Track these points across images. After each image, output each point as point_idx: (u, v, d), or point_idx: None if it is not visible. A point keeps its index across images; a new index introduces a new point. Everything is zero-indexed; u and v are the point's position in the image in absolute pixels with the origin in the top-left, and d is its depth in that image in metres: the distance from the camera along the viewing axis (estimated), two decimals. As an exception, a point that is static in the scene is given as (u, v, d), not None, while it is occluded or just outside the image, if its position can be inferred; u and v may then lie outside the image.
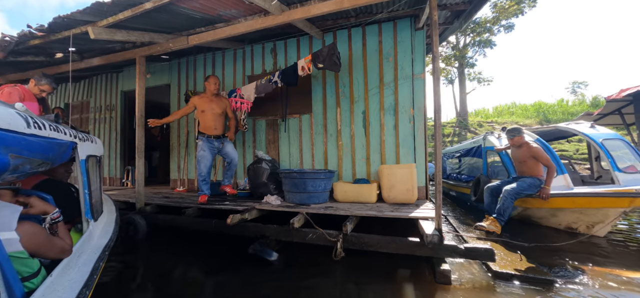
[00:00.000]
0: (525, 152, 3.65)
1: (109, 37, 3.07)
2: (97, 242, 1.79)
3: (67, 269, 1.37)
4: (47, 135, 1.32)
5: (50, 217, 1.41)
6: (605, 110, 12.55)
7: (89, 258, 1.55)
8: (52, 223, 1.41)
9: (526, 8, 17.51)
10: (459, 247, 2.39)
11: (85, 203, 1.83)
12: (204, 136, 3.81)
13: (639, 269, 2.61)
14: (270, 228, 3.08)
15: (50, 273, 1.27)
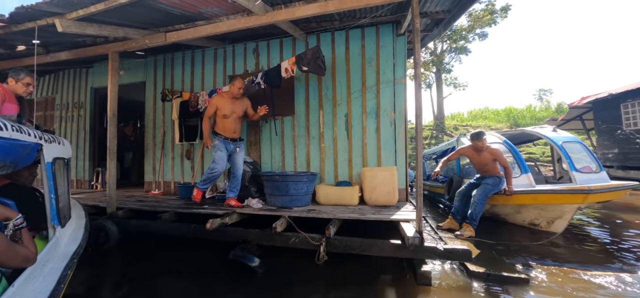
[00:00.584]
0: (487, 155, 3.84)
1: (78, 30, 2.87)
2: (64, 249, 1.68)
3: (31, 279, 1.29)
4: (8, 136, 1.23)
5: (12, 223, 1.32)
6: (568, 116, 13.55)
7: (55, 266, 1.46)
8: (15, 229, 1.32)
9: (498, 18, 18.47)
10: (438, 249, 2.46)
11: (52, 209, 1.71)
12: (221, 137, 3.58)
13: (595, 267, 2.81)
14: (252, 232, 3.02)
15: (12, 283, 1.20)
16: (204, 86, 5.11)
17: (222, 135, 3.59)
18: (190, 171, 5.18)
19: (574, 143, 4.31)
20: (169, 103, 5.19)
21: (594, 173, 3.93)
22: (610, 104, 10.83)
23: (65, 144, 2.08)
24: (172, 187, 5.27)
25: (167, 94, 5.01)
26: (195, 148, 5.15)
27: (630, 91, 9.96)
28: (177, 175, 5.28)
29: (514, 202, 3.86)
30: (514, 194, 3.72)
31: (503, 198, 3.86)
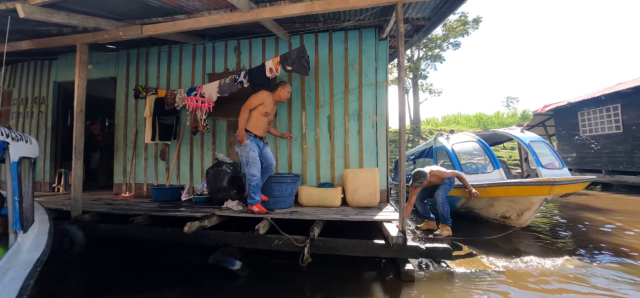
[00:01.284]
0: (434, 179, 4.03)
1: (44, 17, 2.63)
2: (26, 256, 1.54)
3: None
4: None
5: None
6: (533, 122, 14.50)
7: (16, 275, 1.34)
8: None
9: (470, 29, 19.54)
10: (421, 248, 2.52)
11: (15, 212, 1.58)
12: (252, 135, 3.38)
13: (556, 259, 3.01)
14: (233, 235, 2.92)
15: None
16: (181, 83, 4.90)
17: (252, 133, 3.38)
18: (165, 172, 4.93)
19: (539, 142, 4.66)
20: (142, 100, 4.92)
21: (557, 169, 4.26)
22: (569, 112, 11.75)
23: (33, 143, 1.94)
24: (145, 189, 4.99)
25: (141, 91, 4.74)
26: (170, 148, 4.92)
27: (587, 100, 10.86)
28: (151, 176, 5.01)
29: (488, 195, 4.09)
30: (488, 187, 3.95)
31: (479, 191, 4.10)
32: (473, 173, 4.49)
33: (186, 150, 4.87)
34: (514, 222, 4.11)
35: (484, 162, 4.58)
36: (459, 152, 4.78)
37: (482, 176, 4.34)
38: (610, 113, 10.04)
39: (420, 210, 4.33)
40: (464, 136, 5.13)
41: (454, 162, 4.72)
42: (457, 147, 4.89)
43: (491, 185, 3.98)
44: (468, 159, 4.79)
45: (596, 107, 10.55)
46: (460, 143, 4.95)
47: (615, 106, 9.86)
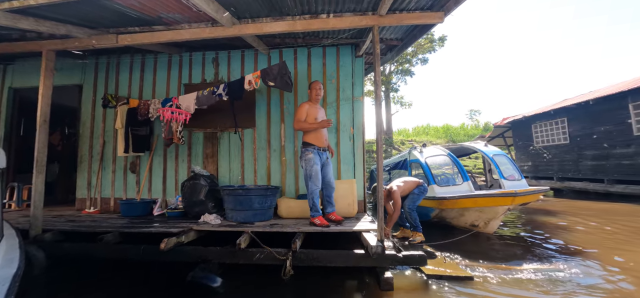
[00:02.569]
0: (395, 198, 4.16)
1: (9, 23, 2.47)
2: (1, 272, 1.48)
3: None
4: None
5: None
6: (493, 133, 15.64)
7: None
8: None
9: (437, 46, 20.88)
10: (398, 256, 2.66)
11: None
12: (315, 148, 3.28)
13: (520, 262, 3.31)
14: (212, 250, 2.87)
15: None
16: (155, 94, 4.74)
17: (314, 146, 3.29)
18: (135, 186, 4.69)
19: (501, 156, 5.11)
20: (111, 110, 4.69)
21: (517, 181, 4.70)
22: (524, 124, 12.90)
23: (1, 153, 1.82)
24: (112, 204, 4.70)
25: (111, 100, 4.52)
26: (142, 160, 4.71)
27: (539, 114, 12.01)
28: (119, 191, 4.74)
29: (459, 206, 4.39)
30: (459, 199, 4.25)
31: (451, 203, 4.42)
32: (445, 185, 4.80)
33: (159, 162, 4.69)
34: (482, 229, 4.44)
35: (454, 175, 4.92)
36: (432, 165, 5.09)
37: (453, 188, 4.66)
38: (559, 126, 11.19)
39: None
40: (436, 150, 5.47)
41: (427, 174, 5.01)
42: (430, 160, 5.20)
43: (462, 197, 4.29)
44: (440, 172, 5.11)
45: (547, 120, 11.69)
46: (432, 157, 5.28)
47: (562, 120, 11.01)
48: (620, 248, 3.83)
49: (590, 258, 3.41)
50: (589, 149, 10.02)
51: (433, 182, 4.77)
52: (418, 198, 4.19)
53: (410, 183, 4.24)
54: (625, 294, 2.52)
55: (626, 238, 4.40)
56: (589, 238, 4.42)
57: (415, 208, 4.17)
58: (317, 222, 3.21)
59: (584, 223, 5.36)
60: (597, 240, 4.34)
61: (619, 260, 3.36)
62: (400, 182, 4.25)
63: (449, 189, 4.63)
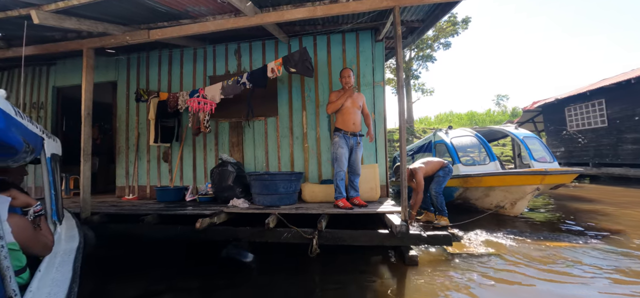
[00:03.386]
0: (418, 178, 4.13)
1: (56, 23, 2.71)
2: (66, 245, 1.64)
3: (48, 268, 1.29)
4: (26, 125, 1.21)
5: (33, 209, 1.34)
6: (522, 119, 14.89)
7: (64, 259, 1.45)
8: (35, 216, 1.35)
9: (460, 29, 19.99)
10: (423, 235, 2.68)
11: (52, 205, 1.69)
12: (341, 132, 3.42)
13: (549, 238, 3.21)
14: (243, 230, 3.04)
15: (38, 268, 1.22)
16: (183, 86, 4.99)
17: (341, 130, 3.42)
18: (168, 174, 5.00)
19: (532, 138, 4.93)
20: (144, 103, 4.99)
21: (548, 163, 4.51)
22: (556, 108, 12.16)
23: (57, 142, 2.03)
24: (148, 191, 5.05)
25: (143, 94, 4.81)
26: (173, 149, 5.00)
27: (573, 96, 11.26)
28: (154, 178, 5.07)
29: (484, 185, 4.30)
30: (485, 177, 4.15)
31: (475, 181, 4.33)
32: (471, 165, 4.70)
33: (189, 151, 4.96)
34: (508, 211, 4.33)
35: (480, 156, 4.81)
36: (457, 146, 4.99)
37: (480, 168, 4.56)
38: (596, 108, 10.45)
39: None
40: (462, 131, 5.37)
41: (452, 154, 4.93)
42: (455, 140, 5.11)
43: (488, 174, 4.20)
44: (466, 152, 5.00)
45: (582, 103, 10.95)
46: (458, 137, 5.18)
47: (600, 101, 10.27)
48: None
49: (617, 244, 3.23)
50: (629, 131, 9.30)
51: (458, 161, 4.70)
52: (444, 181, 4.13)
53: (433, 164, 4.18)
54: None
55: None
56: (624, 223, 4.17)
57: (441, 192, 4.12)
58: (340, 204, 3.29)
59: (618, 209, 5.05)
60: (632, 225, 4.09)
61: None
62: (423, 162, 4.21)
63: (476, 168, 4.54)
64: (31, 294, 1.11)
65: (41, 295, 1.14)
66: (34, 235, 1.23)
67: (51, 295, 1.16)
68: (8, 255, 0.93)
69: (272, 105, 4.69)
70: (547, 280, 2.31)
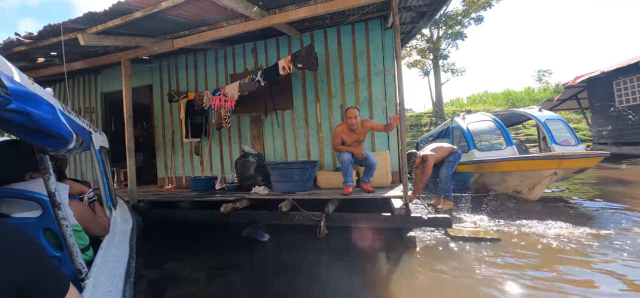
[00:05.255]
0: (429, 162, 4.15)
1: (97, 43, 3.22)
2: (121, 227, 1.89)
3: (109, 247, 1.50)
4: (74, 119, 1.35)
5: (86, 196, 1.54)
6: (564, 95, 13.74)
7: (121, 239, 1.65)
8: (90, 202, 1.54)
9: (493, 1, 18.53)
10: (423, 218, 2.83)
11: (105, 191, 1.97)
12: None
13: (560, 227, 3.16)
14: (260, 214, 3.41)
15: (100, 246, 1.43)
16: (207, 86, 5.46)
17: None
18: (199, 166, 5.57)
19: (556, 121, 4.69)
20: (175, 103, 5.55)
21: (572, 146, 4.30)
22: (603, 82, 11.03)
23: (103, 136, 2.30)
24: (184, 181, 5.66)
25: (174, 95, 5.36)
26: (202, 144, 5.53)
27: (622, 68, 10.14)
28: (188, 170, 5.67)
29: (500, 170, 4.25)
30: (499, 162, 4.14)
31: (490, 166, 4.31)
32: (487, 151, 4.63)
33: (216, 145, 5.46)
34: (525, 195, 4.24)
35: (498, 140, 4.71)
36: (474, 131, 4.92)
37: (496, 153, 4.48)
38: (649, 79, 9.35)
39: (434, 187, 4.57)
40: (480, 116, 5.24)
41: (468, 140, 4.88)
42: (472, 126, 5.03)
43: (502, 160, 4.13)
44: (482, 138, 4.91)
45: (634, 75, 9.83)
46: (475, 122, 5.08)
47: (654, 71, 9.16)
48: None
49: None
50: (691, 103, 8.24)
51: (473, 147, 4.65)
52: (453, 166, 4.16)
53: (443, 150, 4.21)
54: None
55: None
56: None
57: (450, 177, 4.16)
58: (348, 191, 3.52)
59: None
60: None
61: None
62: (433, 149, 4.26)
63: (491, 154, 4.46)
64: (96, 268, 1.24)
65: (105, 269, 1.27)
66: (93, 218, 1.40)
67: (113, 269, 1.29)
68: (73, 234, 1.05)
69: (288, 99, 4.98)
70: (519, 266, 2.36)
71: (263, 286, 2.31)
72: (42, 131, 0.84)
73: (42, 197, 1.11)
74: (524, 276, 2.13)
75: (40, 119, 0.80)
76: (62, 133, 0.92)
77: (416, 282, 2.19)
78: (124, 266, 1.33)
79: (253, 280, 2.44)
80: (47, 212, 1.10)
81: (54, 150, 0.98)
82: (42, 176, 0.99)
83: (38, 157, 0.97)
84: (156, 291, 2.34)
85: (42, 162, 0.98)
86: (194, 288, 2.33)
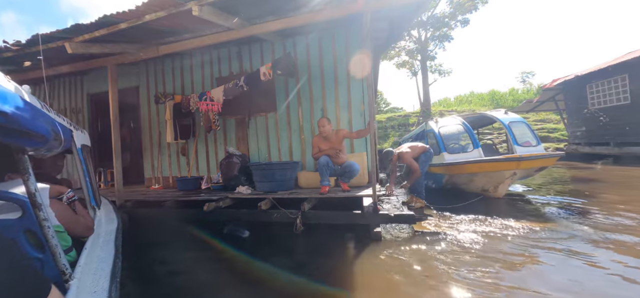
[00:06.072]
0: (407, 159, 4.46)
1: (84, 50, 3.37)
2: (106, 227, 1.86)
3: (93, 247, 1.46)
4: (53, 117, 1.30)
5: (66, 196, 1.49)
6: (542, 97, 14.33)
7: (106, 239, 1.62)
8: (69, 202, 1.50)
9: (479, 4, 19.08)
10: (390, 215, 3.10)
11: (89, 191, 1.92)
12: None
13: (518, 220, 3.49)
14: (242, 212, 3.63)
15: (84, 247, 1.40)
16: (194, 88, 5.62)
17: None
18: (186, 166, 5.73)
19: (519, 123, 5.06)
20: (162, 105, 5.69)
21: (532, 147, 4.67)
22: (577, 85, 11.59)
23: (85, 134, 2.21)
24: (171, 181, 5.82)
25: (161, 97, 5.51)
26: (189, 145, 5.69)
27: (595, 72, 10.70)
28: (175, 170, 5.83)
29: (467, 171, 4.59)
30: (465, 165, 4.47)
31: (458, 168, 4.65)
32: (455, 153, 4.97)
33: (202, 146, 5.64)
34: (492, 193, 4.58)
35: (466, 143, 5.05)
36: (444, 135, 5.25)
37: (463, 155, 4.82)
38: (618, 84, 9.91)
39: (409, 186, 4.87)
40: (451, 120, 5.59)
41: (439, 143, 5.21)
42: (443, 130, 5.36)
43: (468, 162, 4.47)
44: (452, 140, 5.25)
45: (604, 79, 10.40)
46: (446, 126, 5.42)
47: (622, 77, 9.72)
48: None
49: (584, 224, 3.38)
50: (654, 107, 8.81)
51: (444, 150, 4.98)
52: (425, 165, 4.47)
53: (418, 149, 4.51)
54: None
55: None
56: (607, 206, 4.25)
57: (422, 174, 4.46)
58: (324, 190, 3.78)
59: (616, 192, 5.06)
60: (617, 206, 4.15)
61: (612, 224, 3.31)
62: (409, 147, 4.55)
63: (458, 156, 4.80)
64: (80, 269, 1.19)
65: (89, 269, 1.23)
66: (74, 218, 1.38)
67: (98, 270, 1.24)
68: (55, 234, 1.01)
69: (271, 102, 5.20)
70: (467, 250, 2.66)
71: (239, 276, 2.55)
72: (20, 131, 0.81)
73: (22, 198, 1.08)
74: (466, 264, 2.43)
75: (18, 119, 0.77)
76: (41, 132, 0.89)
77: (372, 268, 2.46)
78: (109, 266, 1.31)
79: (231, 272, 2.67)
80: (28, 213, 1.08)
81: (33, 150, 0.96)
82: (22, 177, 0.96)
83: (17, 157, 0.94)
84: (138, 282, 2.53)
85: (21, 162, 0.94)
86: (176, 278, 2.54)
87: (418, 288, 2.13)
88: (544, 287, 2.01)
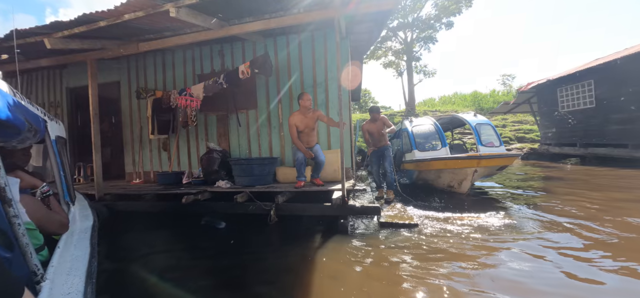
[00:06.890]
0: (380, 124, 4.94)
1: (63, 46, 3.43)
2: (81, 225, 1.78)
3: (67, 246, 1.39)
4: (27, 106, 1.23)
5: (40, 190, 1.40)
6: (518, 100, 15.01)
7: (80, 237, 1.55)
8: (43, 197, 1.41)
9: (463, 7, 19.68)
10: (356, 206, 3.34)
11: (62, 186, 1.85)
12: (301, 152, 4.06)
13: (475, 213, 3.81)
14: (219, 204, 3.80)
15: (57, 245, 1.32)
16: (175, 84, 5.69)
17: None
18: (167, 161, 5.81)
19: (485, 125, 5.42)
20: (144, 100, 5.74)
21: (495, 147, 5.04)
22: (549, 89, 12.24)
23: (60, 125, 2.15)
24: (152, 176, 5.88)
25: (142, 92, 5.55)
26: (170, 140, 5.77)
27: (565, 77, 11.33)
28: (156, 165, 5.90)
29: (434, 168, 4.92)
30: (431, 161, 4.81)
31: (426, 165, 5.00)
32: (425, 151, 5.29)
33: (184, 141, 5.73)
34: (457, 189, 4.92)
35: (436, 142, 5.39)
36: (416, 134, 5.58)
37: (431, 153, 5.15)
38: (585, 89, 10.54)
39: (376, 179, 5.24)
40: (424, 120, 5.92)
41: (411, 141, 5.52)
42: (415, 129, 5.69)
43: (433, 159, 4.80)
44: (423, 139, 5.58)
45: (573, 84, 11.03)
46: (418, 126, 5.75)
47: (589, 82, 10.35)
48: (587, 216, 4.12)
49: (541, 220, 3.73)
50: (615, 112, 9.45)
51: (415, 148, 5.29)
52: (390, 158, 4.89)
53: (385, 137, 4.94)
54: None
55: (603, 206, 4.18)
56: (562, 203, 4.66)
57: (391, 168, 4.84)
58: (300, 184, 4.00)
59: (574, 190, 5.48)
60: (571, 205, 4.52)
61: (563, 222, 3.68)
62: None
63: (427, 154, 5.13)
64: (53, 269, 1.12)
65: (63, 269, 1.15)
66: (48, 214, 1.29)
67: (73, 269, 1.17)
68: (26, 232, 0.93)
69: (252, 99, 5.35)
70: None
71: (212, 263, 2.73)
72: None
73: None
74: (422, 252, 2.70)
75: None
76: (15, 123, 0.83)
77: (336, 255, 2.70)
78: (84, 266, 1.24)
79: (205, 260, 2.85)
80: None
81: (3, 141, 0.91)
82: None
83: None
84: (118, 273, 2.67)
85: None
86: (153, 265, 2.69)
87: (365, 278, 2.35)
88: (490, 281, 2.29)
